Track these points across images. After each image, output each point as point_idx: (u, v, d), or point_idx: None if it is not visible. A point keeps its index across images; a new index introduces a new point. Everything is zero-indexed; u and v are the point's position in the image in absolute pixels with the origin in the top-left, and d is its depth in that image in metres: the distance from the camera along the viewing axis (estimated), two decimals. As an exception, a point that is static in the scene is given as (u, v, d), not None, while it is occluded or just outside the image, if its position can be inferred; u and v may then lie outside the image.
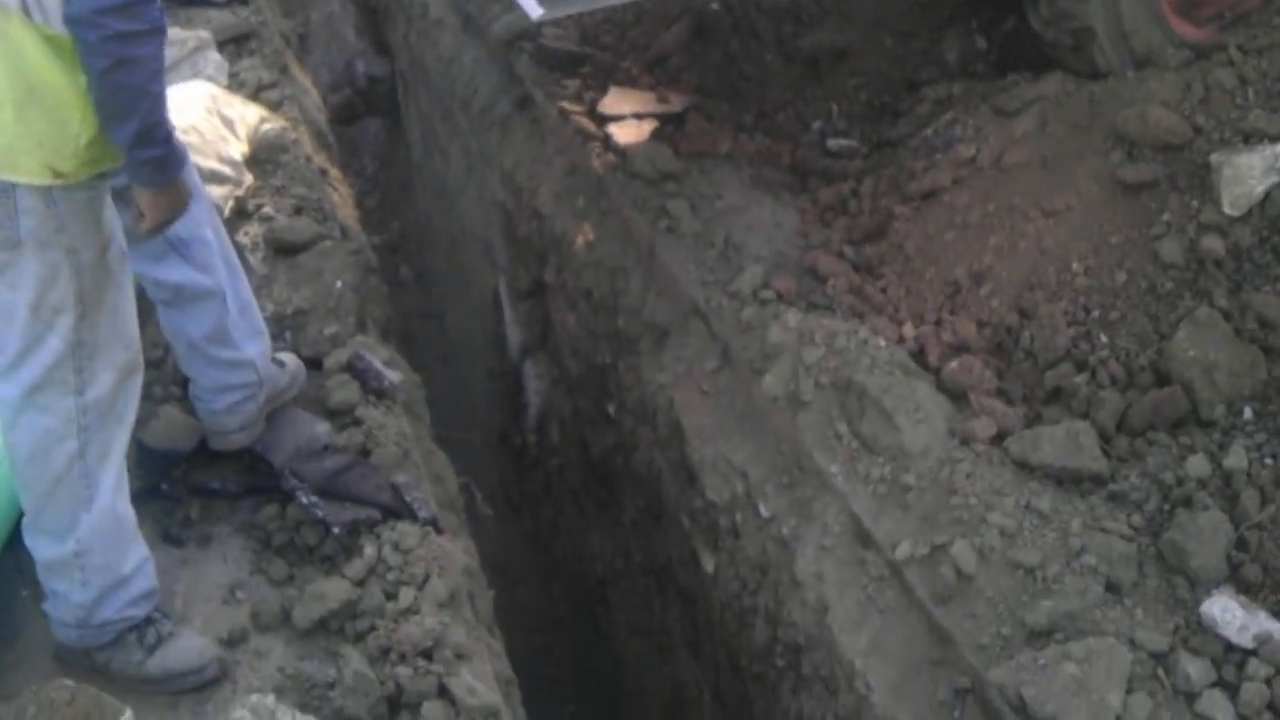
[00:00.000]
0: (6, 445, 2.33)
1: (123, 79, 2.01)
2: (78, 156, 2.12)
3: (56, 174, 2.11)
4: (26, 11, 2.00)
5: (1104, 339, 2.90)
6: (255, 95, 4.50)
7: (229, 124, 3.96)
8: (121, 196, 2.33)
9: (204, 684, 2.40)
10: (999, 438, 2.81)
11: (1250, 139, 3.04)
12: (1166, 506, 2.60)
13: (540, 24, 4.15)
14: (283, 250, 3.70)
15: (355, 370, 3.21)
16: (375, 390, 3.17)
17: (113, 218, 2.29)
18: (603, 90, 4.42)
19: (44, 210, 2.12)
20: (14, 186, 2.08)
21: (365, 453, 2.95)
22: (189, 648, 2.41)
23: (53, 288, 2.18)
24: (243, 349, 2.76)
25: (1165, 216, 3.02)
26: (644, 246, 3.73)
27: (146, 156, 2.13)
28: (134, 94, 2.04)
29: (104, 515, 2.31)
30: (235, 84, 4.53)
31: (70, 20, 1.96)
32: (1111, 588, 2.48)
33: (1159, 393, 2.73)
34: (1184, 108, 3.21)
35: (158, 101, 2.09)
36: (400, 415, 3.18)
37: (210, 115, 3.88)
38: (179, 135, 2.32)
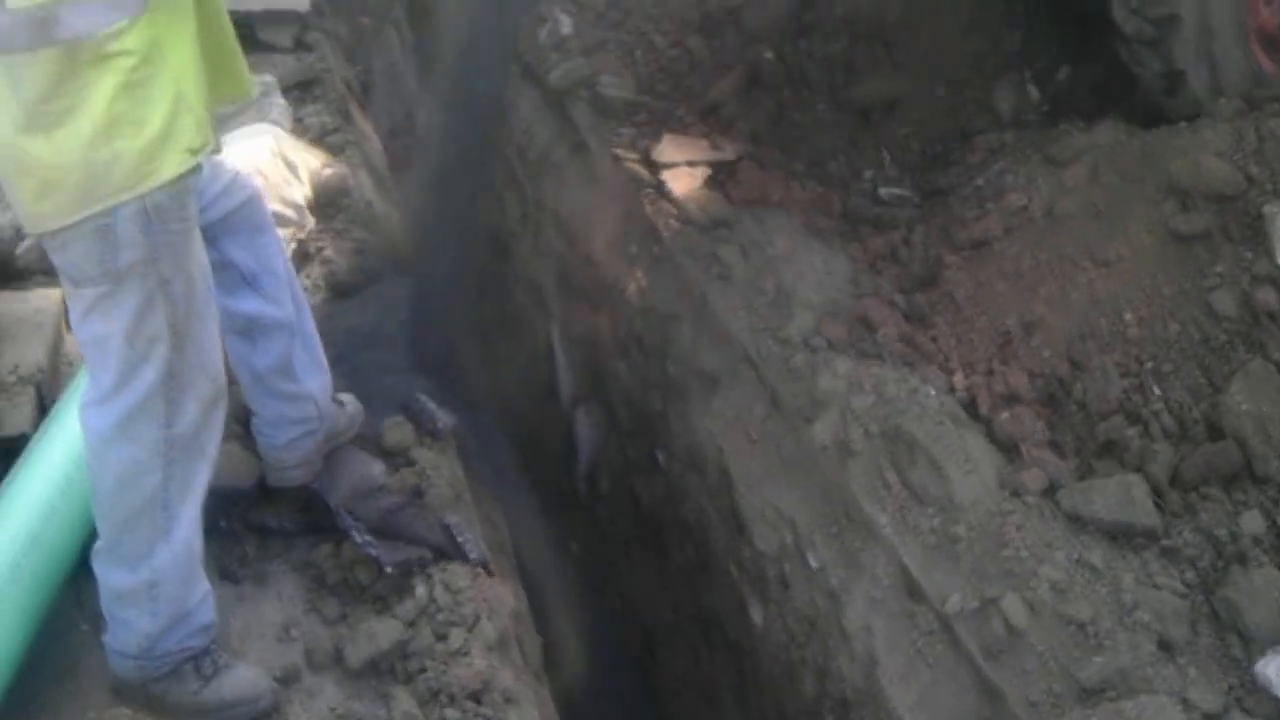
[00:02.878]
0: (91, 474, 2.39)
1: None
2: (199, 126, 2.19)
3: (192, 152, 2.17)
4: (99, 27, 2.04)
5: (1157, 391, 2.88)
6: (319, 140, 4.61)
7: (293, 168, 4.06)
8: (206, 234, 2.41)
9: (258, 714, 2.44)
10: (1050, 490, 2.79)
11: (1305, 191, 3.02)
12: (1220, 563, 2.57)
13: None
14: (342, 291, 3.79)
15: (410, 411, 3.27)
16: (429, 432, 3.23)
17: (200, 249, 2.36)
18: (657, 138, 4.48)
19: (142, 241, 2.17)
20: (114, 220, 2.15)
21: (418, 493, 3.00)
22: (244, 679, 2.46)
23: (148, 318, 2.23)
24: (305, 383, 2.82)
25: (1218, 268, 3.01)
26: (695, 293, 3.76)
27: None
28: None
29: (180, 547, 2.37)
30: (300, 129, 4.65)
31: None
32: (1164, 645, 2.45)
33: (1212, 447, 2.71)
34: (1237, 158, 3.20)
35: None
36: (453, 458, 3.23)
37: (275, 159, 3.98)
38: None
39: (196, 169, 2.24)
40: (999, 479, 2.83)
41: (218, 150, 2.45)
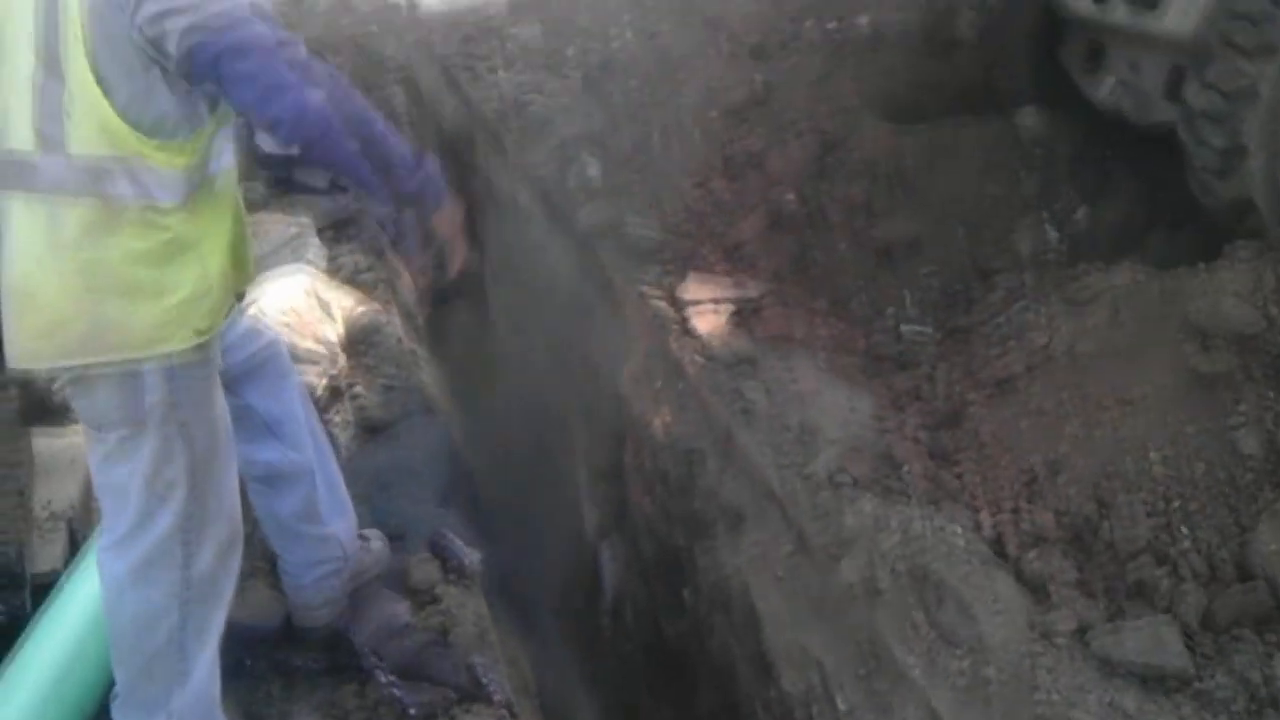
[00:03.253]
0: (108, 618, 2.40)
1: (346, 132, 2.17)
2: (211, 311, 2.26)
3: (198, 333, 2.23)
4: (146, 196, 2.14)
5: (1185, 531, 2.86)
6: (352, 279, 4.74)
7: (326, 307, 4.17)
8: (226, 380, 2.47)
9: None
10: (1080, 632, 2.76)
11: (1324, 332, 3.05)
12: (1254, 707, 2.52)
13: None
14: (371, 429, 3.84)
15: (436, 548, 3.28)
16: (455, 569, 3.24)
17: (221, 397, 2.42)
18: (682, 277, 4.57)
19: (165, 389, 2.23)
20: (141, 370, 2.21)
21: (444, 632, 2.99)
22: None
23: (168, 463, 2.28)
24: (330, 525, 2.85)
25: (1242, 407, 3.02)
26: (720, 429, 3.79)
27: (412, 185, 2.33)
28: (367, 135, 2.22)
29: (197, 693, 2.37)
30: (334, 268, 4.78)
31: (280, 134, 2.16)
32: (1202, 793, 2.39)
33: (1243, 588, 2.68)
34: (1256, 298, 3.23)
35: (383, 139, 2.26)
36: (479, 595, 3.23)
37: (309, 298, 4.09)
38: (277, 317, 2.47)
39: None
40: (1028, 620, 2.80)
41: (240, 299, 2.53)
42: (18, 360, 2.26)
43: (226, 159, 2.31)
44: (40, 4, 2.08)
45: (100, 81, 2.07)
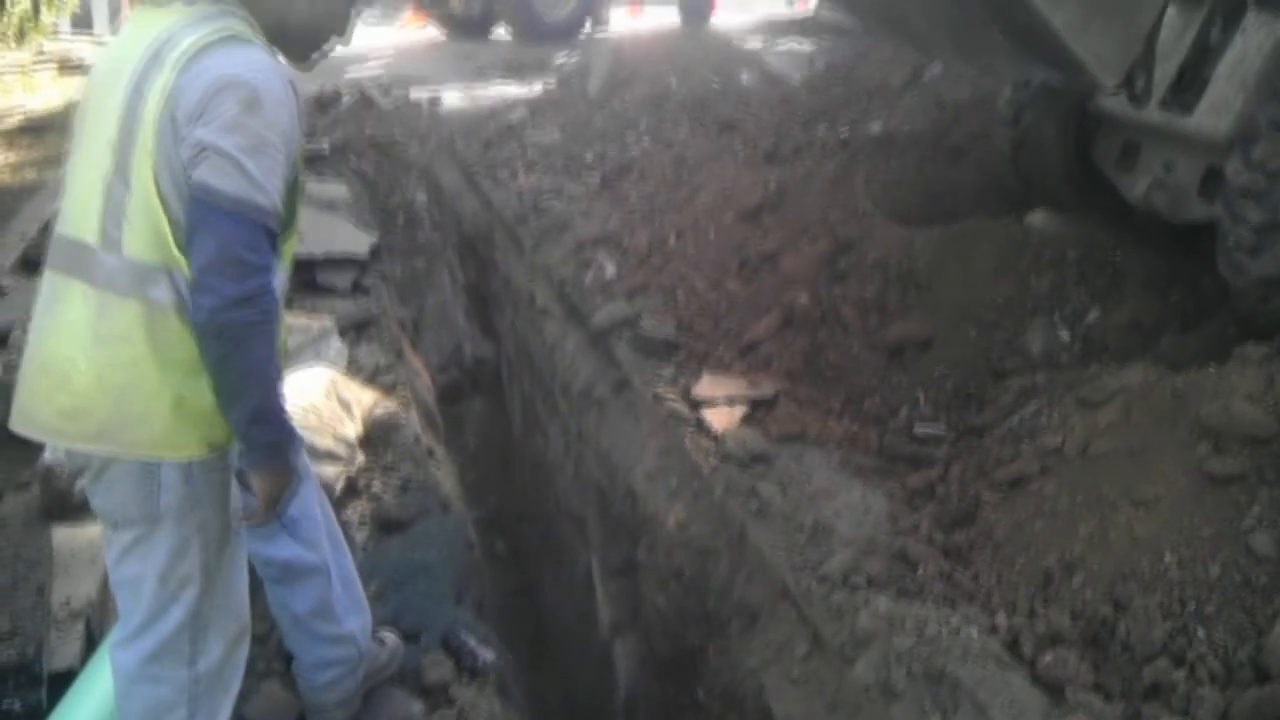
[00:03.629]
0: (119, 712, 2.42)
1: (239, 363, 2.16)
2: (228, 427, 2.30)
3: (212, 446, 2.29)
4: (182, 304, 2.22)
5: (1201, 633, 2.84)
6: (372, 378, 4.81)
7: (346, 406, 4.23)
8: (241, 477, 2.52)
9: None
10: (1098, 735, 2.73)
11: (1337, 432, 3.06)
12: (1275, 812, 2.48)
13: None
14: (387, 526, 3.87)
15: (450, 647, 3.28)
16: (469, 668, 3.23)
17: (236, 495, 2.46)
18: (696, 376, 4.63)
19: (183, 487, 2.29)
20: (159, 466, 2.27)
21: (456, 733, 2.98)
22: None
23: (182, 560, 2.32)
24: (345, 624, 2.86)
25: (1255, 509, 3.02)
26: (734, 528, 3.80)
27: (259, 439, 2.26)
28: (249, 376, 2.19)
29: (208, 786, 2.38)
30: (354, 367, 4.86)
31: (194, 319, 2.17)
32: None
33: (1260, 690, 2.65)
34: (1267, 401, 3.26)
35: (268, 385, 2.24)
36: (492, 695, 3.22)
37: (329, 398, 4.15)
38: (299, 415, 2.52)
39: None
40: (1045, 723, 2.77)
41: None
42: (34, 429, 2.33)
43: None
44: (124, 112, 2.21)
45: (160, 194, 2.18)
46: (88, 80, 2.42)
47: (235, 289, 2.11)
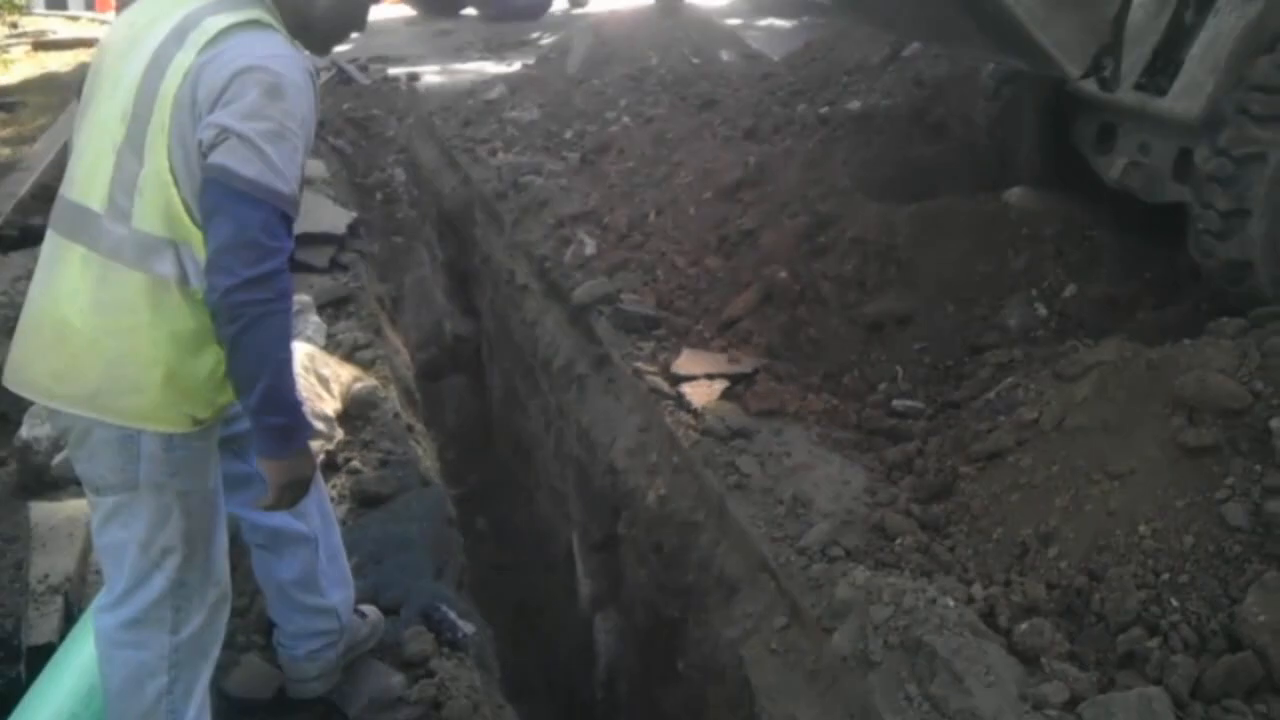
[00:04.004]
0: (101, 676, 2.43)
1: (252, 343, 2.16)
2: (213, 405, 2.31)
3: (196, 421, 2.30)
4: (184, 280, 2.23)
5: (1174, 603, 2.88)
6: (350, 355, 4.79)
7: (324, 382, 4.21)
8: (234, 446, 2.52)
9: None
10: (1072, 702, 2.76)
11: (1309, 406, 3.10)
12: (1247, 776, 2.52)
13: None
14: (367, 502, 3.86)
15: (431, 621, 3.29)
16: (449, 641, 3.24)
17: (217, 466, 2.46)
18: (676, 352, 4.64)
19: (163, 455, 2.29)
20: (140, 435, 2.27)
21: (437, 705, 2.99)
22: None
23: (163, 529, 2.32)
24: (329, 596, 2.87)
25: (1229, 480, 3.05)
26: (714, 502, 3.82)
27: (272, 423, 2.25)
28: (262, 359, 2.19)
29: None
30: (332, 344, 4.84)
31: (209, 299, 2.17)
32: None
33: (1232, 658, 2.69)
34: (1241, 374, 3.29)
35: (282, 368, 2.24)
36: (472, 668, 3.23)
37: (307, 374, 4.14)
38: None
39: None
40: (1020, 691, 2.80)
41: None
42: (25, 387, 2.33)
43: None
44: (141, 85, 2.21)
45: (172, 170, 2.19)
46: (100, 47, 2.41)
47: (251, 270, 2.12)
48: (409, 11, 16.79)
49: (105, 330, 2.23)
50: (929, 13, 4.31)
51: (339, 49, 2.80)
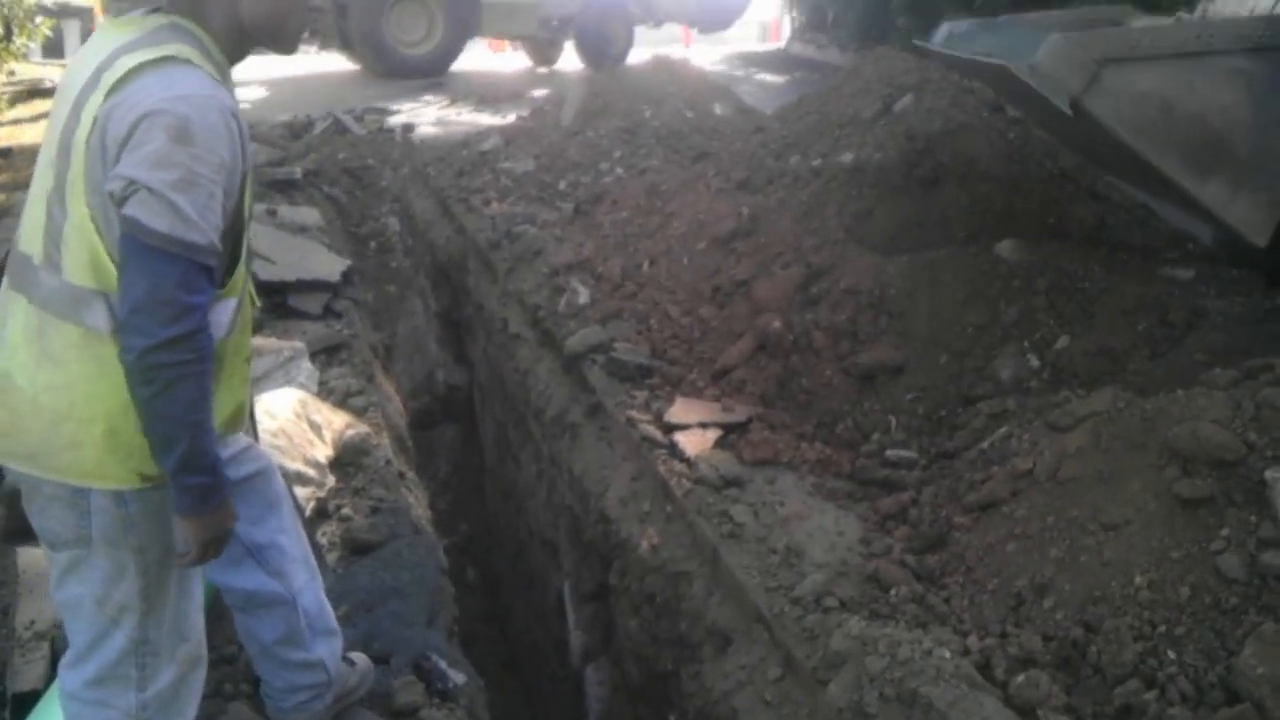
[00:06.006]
0: (69, 735, 2.38)
1: (169, 407, 2.07)
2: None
3: (145, 478, 2.22)
4: (117, 335, 2.13)
5: (1171, 655, 2.86)
6: (343, 402, 4.78)
7: (316, 429, 4.20)
8: None
9: None
10: (1070, 757, 2.74)
11: (1303, 457, 3.10)
12: (1246, 833, 2.49)
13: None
14: (358, 549, 3.83)
15: (421, 670, 3.25)
16: (440, 692, 3.20)
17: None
18: (670, 401, 4.63)
19: (115, 511, 2.22)
20: (89, 491, 2.20)
21: (426, 756, 2.95)
22: None
23: (118, 585, 2.26)
24: (314, 650, 2.81)
25: (1224, 531, 3.04)
26: (707, 551, 3.80)
27: (189, 484, 2.15)
28: (179, 423, 2.09)
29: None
30: (325, 391, 4.82)
31: (124, 359, 2.07)
32: None
33: (1230, 711, 2.67)
34: (1235, 425, 3.29)
35: (199, 430, 2.12)
36: (463, 718, 3.19)
37: (299, 420, 4.12)
38: (268, 438, 2.47)
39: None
40: (1017, 745, 2.78)
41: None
42: None
43: (220, 332, 2.27)
44: (64, 132, 2.15)
45: (94, 220, 2.11)
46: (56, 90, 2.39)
47: (168, 330, 2.02)
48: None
49: (45, 386, 2.17)
50: (1129, 173, 4.48)
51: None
